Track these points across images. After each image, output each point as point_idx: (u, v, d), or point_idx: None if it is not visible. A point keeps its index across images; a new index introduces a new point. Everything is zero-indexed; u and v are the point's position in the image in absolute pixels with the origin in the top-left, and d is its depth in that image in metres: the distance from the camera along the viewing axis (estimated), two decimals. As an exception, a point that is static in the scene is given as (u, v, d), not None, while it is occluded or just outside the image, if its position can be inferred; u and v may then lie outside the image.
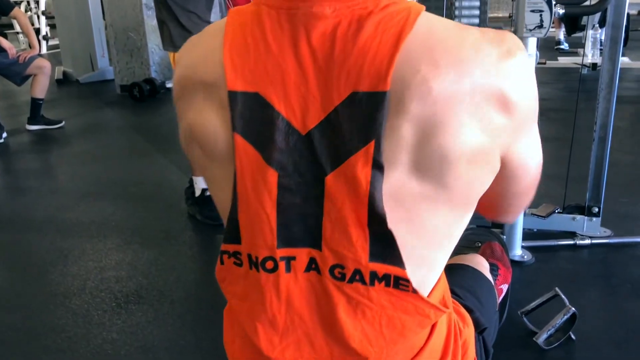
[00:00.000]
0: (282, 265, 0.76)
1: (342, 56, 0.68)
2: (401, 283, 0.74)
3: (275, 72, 0.71)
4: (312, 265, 0.76)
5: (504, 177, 0.77)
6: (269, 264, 0.77)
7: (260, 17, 0.72)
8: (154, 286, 2.23)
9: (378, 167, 0.67)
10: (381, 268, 0.73)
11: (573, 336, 1.74)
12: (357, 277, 0.74)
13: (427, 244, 0.76)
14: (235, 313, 0.87)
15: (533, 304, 1.80)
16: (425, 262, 0.77)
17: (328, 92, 0.69)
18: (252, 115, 0.72)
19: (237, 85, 0.72)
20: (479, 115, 0.67)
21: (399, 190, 0.70)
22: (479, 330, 1.03)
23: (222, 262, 0.83)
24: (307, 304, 0.78)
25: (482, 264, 1.33)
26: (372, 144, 0.67)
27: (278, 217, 0.74)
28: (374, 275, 0.73)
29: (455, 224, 0.77)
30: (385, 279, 0.74)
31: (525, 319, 1.78)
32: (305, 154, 0.72)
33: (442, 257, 0.79)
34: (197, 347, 1.85)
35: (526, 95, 0.71)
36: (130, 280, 2.28)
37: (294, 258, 0.76)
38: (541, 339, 1.71)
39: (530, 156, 0.80)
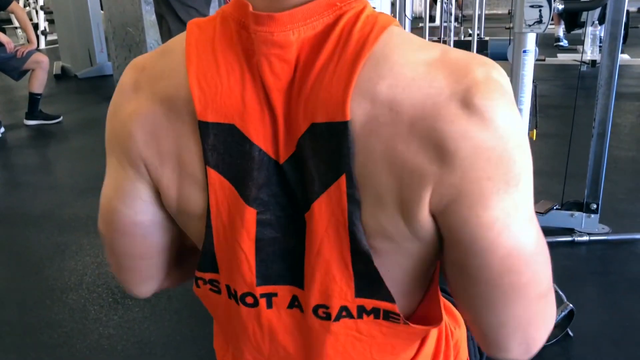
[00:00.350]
0: (262, 301, 0.71)
1: (300, 84, 0.60)
2: (391, 316, 0.68)
3: (251, 101, 0.62)
4: (295, 303, 0.71)
5: (457, 253, 0.62)
6: (249, 299, 0.71)
7: (232, 37, 0.63)
8: (151, 282, 2.23)
9: (353, 202, 0.60)
10: (369, 303, 0.67)
11: (571, 333, 1.74)
12: (344, 314, 0.68)
13: (415, 276, 0.70)
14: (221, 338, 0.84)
15: (531, 301, 1.80)
16: (414, 292, 0.73)
17: (292, 124, 0.61)
18: (227, 150, 0.64)
19: (207, 116, 0.63)
20: (399, 156, 0.57)
21: (368, 228, 0.62)
22: None
23: (197, 286, 0.76)
24: (292, 339, 0.74)
25: None
26: (343, 178, 0.59)
27: (257, 253, 0.68)
28: (361, 309, 0.68)
29: (424, 269, 0.70)
30: (374, 312, 0.68)
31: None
32: (285, 188, 0.65)
33: (426, 280, 0.74)
34: (194, 342, 1.85)
35: (479, 145, 0.55)
36: (128, 276, 2.28)
37: (275, 294, 0.71)
38: (539, 335, 1.71)
39: (489, 233, 0.58)
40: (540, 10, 1.85)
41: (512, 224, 0.58)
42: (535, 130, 2.17)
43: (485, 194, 0.57)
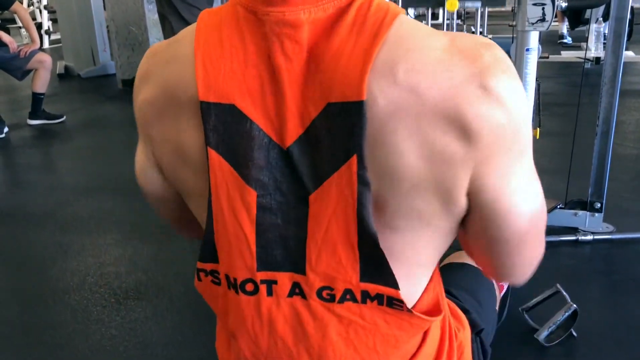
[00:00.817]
0: (263, 288, 0.71)
1: (316, 65, 0.62)
2: (395, 303, 0.69)
3: (253, 82, 0.64)
4: (296, 290, 0.71)
5: (481, 221, 0.68)
6: (249, 286, 0.72)
7: (238, 21, 0.66)
8: (153, 282, 2.22)
9: (363, 183, 0.62)
10: (373, 288, 0.68)
11: (574, 333, 1.73)
12: (348, 297, 0.69)
13: (420, 262, 0.72)
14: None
15: (534, 301, 1.79)
16: (418, 279, 0.74)
17: (305, 105, 0.63)
18: (227, 130, 0.65)
19: (209, 96, 0.65)
20: (426, 138, 0.60)
21: (391, 208, 0.65)
22: (476, 331, 1.01)
23: (199, 279, 0.78)
24: (291, 330, 0.74)
25: None
26: (354, 159, 0.61)
27: (257, 238, 0.69)
28: (365, 295, 0.69)
29: (447, 240, 0.73)
30: (378, 298, 0.69)
31: (526, 316, 1.77)
32: (287, 172, 0.66)
33: (430, 269, 0.76)
34: (196, 343, 1.84)
35: (499, 122, 0.61)
36: (130, 276, 2.27)
37: (275, 282, 0.71)
38: (542, 335, 1.70)
39: (513, 199, 0.66)
40: (543, 8, 1.84)
41: (530, 188, 0.68)
42: (538, 129, 2.16)
43: (509, 164, 0.64)
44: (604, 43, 5.24)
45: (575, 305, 1.72)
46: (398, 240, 0.67)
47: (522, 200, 0.67)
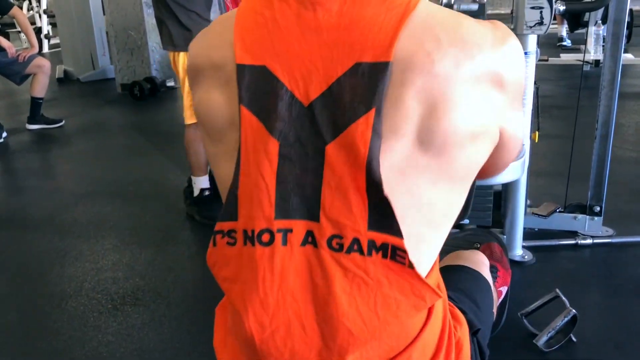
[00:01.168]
0: (278, 237, 0.77)
1: (348, 30, 0.73)
2: (398, 254, 0.75)
3: (281, 46, 0.75)
4: (309, 239, 0.77)
5: (497, 148, 0.83)
6: (265, 237, 0.78)
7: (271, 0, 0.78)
8: (150, 287, 2.21)
9: (377, 134, 0.71)
10: (379, 237, 0.74)
11: (574, 338, 1.71)
12: (355, 247, 0.75)
13: (425, 219, 0.78)
14: (227, 298, 0.86)
15: (533, 306, 1.78)
16: (422, 240, 0.78)
17: (332, 63, 0.73)
18: (258, 88, 0.76)
19: (245, 59, 0.76)
20: (479, 93, 0.74)
21: (401, 161, 0.73)
22: (473, 331, 1.02)
23: (214, 244, 0.84)
24: (300, 281, 0.78)
25: (481, 262, 1.32)
26: (373, 112, 0.71)
27: (277, 187, 0.76)
28: (372, 245, 0.74)
29: (452, 200, 0.80)
30: (383, 248, 0.75)
31: (525, 321, 1.76)
32: (307, 125, 0.75)
33: (438, 238, 0.81)
34: (194, 349, 1.83)
35: (518, 74, 0.79)
36: (127, 282, 2.26)
37: (290, 230, 0.77)
38: (541, 341, 1.69)
39: (519, 128, 0.87)
40: (541, 12, 1.83)
41: (521, 121, 0.92)
42: (537, 132, 2.15)
43: (519, 107, 0.85)
44: (603, 45, 5.24)
45: (574, 311, 1.70)
46: (406, 193, 0.75)
47: (520, 129, 0.88)
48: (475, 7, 1.92)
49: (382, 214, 0.73)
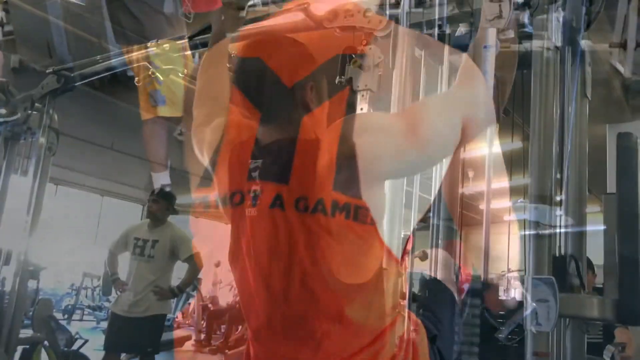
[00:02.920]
0: (248, 199, 0.85)
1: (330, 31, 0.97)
2: (360, 213, 0.81)
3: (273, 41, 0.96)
4: (277, 202, 0.83)
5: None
6: (237, 198, 0.86)
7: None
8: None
9: (350, 105, 0.86)
10: (342, 197, 0.80)
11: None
12: (320, 207, 0.80)
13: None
14: None
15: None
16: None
17: (319, 52, 0.89)
18: (250, 73, 0.90)
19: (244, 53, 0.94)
20: None
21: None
22: (430, 335, 1.05)
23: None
24: (267, 244, 0.83)
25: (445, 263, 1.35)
26: (347, 89, 0.88)
27: (255, 150, 0.86)
28: (335, 205, 0.80)
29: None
30: (346, 209, 0.80)
31: (486, 314, 1.77)
32: (289, 101, 0.89)
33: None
34: None
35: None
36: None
37: (260, 192, 0.85)
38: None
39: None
40: (500, 5, 1.83)
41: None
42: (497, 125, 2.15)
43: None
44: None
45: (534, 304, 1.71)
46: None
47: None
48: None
49: (347, 178, 0.80)
